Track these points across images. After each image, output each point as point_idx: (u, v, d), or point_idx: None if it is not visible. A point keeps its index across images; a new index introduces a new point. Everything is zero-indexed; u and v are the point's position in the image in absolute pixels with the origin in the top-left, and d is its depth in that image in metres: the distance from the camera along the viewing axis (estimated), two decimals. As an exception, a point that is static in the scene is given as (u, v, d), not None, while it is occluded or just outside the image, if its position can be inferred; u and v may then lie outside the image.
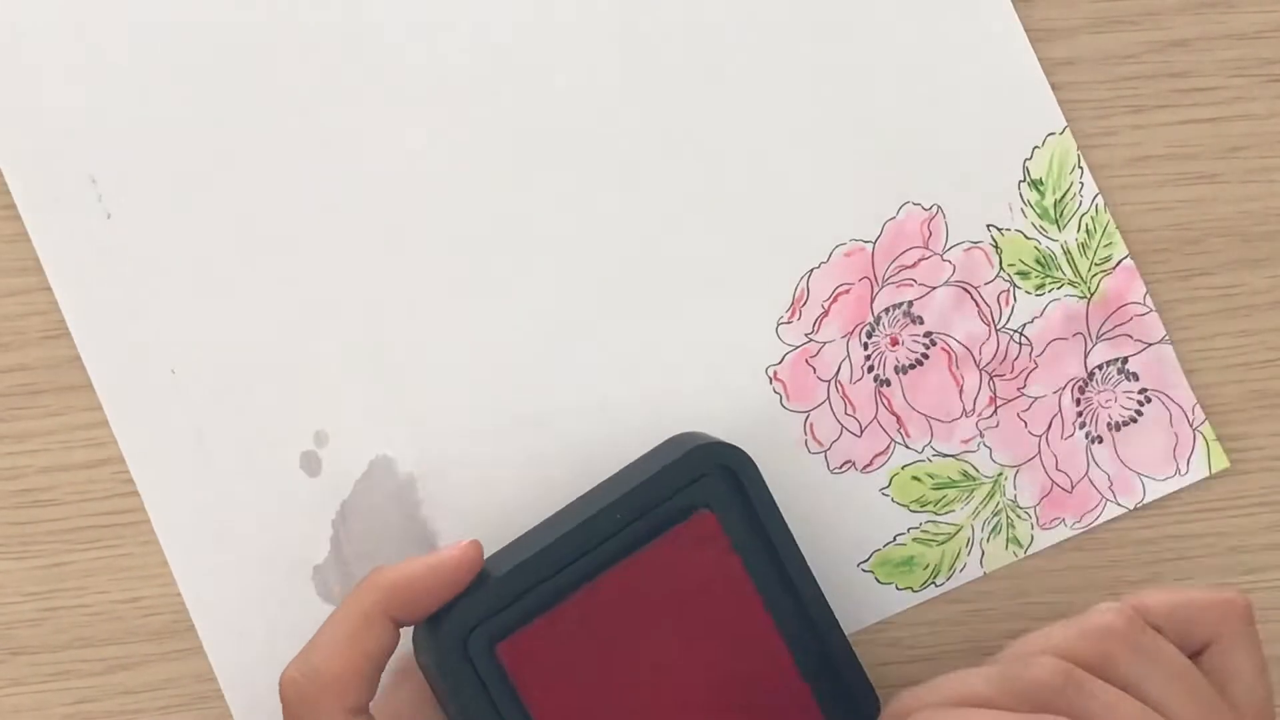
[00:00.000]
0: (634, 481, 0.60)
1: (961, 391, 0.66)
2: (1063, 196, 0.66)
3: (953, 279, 0.66)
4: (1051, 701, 0.53)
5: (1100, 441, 0.67)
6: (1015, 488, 0.66)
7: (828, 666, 0.61)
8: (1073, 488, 0.66)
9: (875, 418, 0.67)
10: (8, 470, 0.66)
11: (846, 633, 0.66)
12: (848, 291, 0.66)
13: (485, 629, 0.59)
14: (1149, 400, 0.67)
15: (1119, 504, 0.67)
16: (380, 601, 0.58)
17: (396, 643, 0.59)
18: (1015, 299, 0.66)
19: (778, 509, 0.61)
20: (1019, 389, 0.66)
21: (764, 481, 0.61)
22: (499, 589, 0.59)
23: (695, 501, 0.60)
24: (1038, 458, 0.66)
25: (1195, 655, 0.56)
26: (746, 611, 0.61)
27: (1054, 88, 0.67)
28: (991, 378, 0.66)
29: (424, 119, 0.66)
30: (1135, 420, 0.67)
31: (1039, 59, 0.67)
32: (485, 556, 0.60)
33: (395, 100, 0.66)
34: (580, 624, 0.59)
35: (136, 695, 0.67)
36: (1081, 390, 0.66)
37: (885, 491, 0.67)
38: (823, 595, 0.61)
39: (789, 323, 0.66)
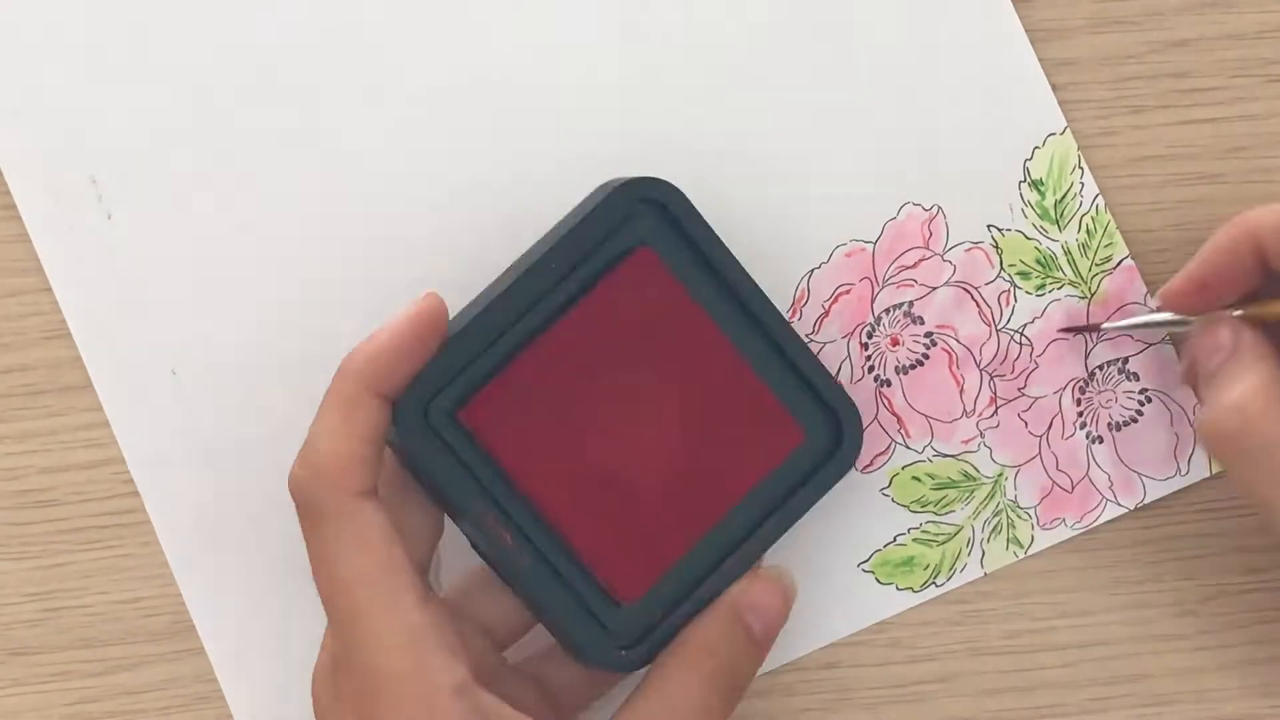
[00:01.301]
0: (566, 229, 0.60)
1: (962, 392, 0.66)
2: (1063, 197, 0.66)
3: (953, 279, 0.66)
4: None
5: (1101, 442, 0.67)
6: (1016, 488, 0.66)
7: (796, 379, 0.61)
8: (1073, 488, 0.66)
9: (876, 418, 0.67)
10: (8, 470, 0.66)
11: (847, 633, 0.66)
12: (848, 292, 0.66)
13: (442, 399, 0.59)
14: (1149, 400, 0.66)
15: (1119, 504, 0.67)
16: (358, 381, 0.57)
17: (388, 419, 0.58)
18: (1016, 299, 0.66)
19: (714, 233, 0.61)
20: (1019, 389, 0.66)
21: (695, 208, 0.61)
22: (446, 357, 0.59)
23: (631, 240, 0.60)
24: (1038, 458, 0.66)
25: None
26: (702, 339, 0.60)
27: (1054, 88, 0.67)
28: (992, 378, 0.66)
29: (425, 120, 0.66)
30: (1136, 420, 0.67)
31: (1039, 59, 0.67)
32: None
33: (396, 101, 0.66)
34: (538, 377, 0.59)
35: (137, 695, 0.67)
36: (1082, 390, 0.66)
37: (885, 492, 0.67)
38: (776, 309, 0.61)
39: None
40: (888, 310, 0.66)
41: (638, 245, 0.60)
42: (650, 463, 0.60)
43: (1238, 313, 0.62)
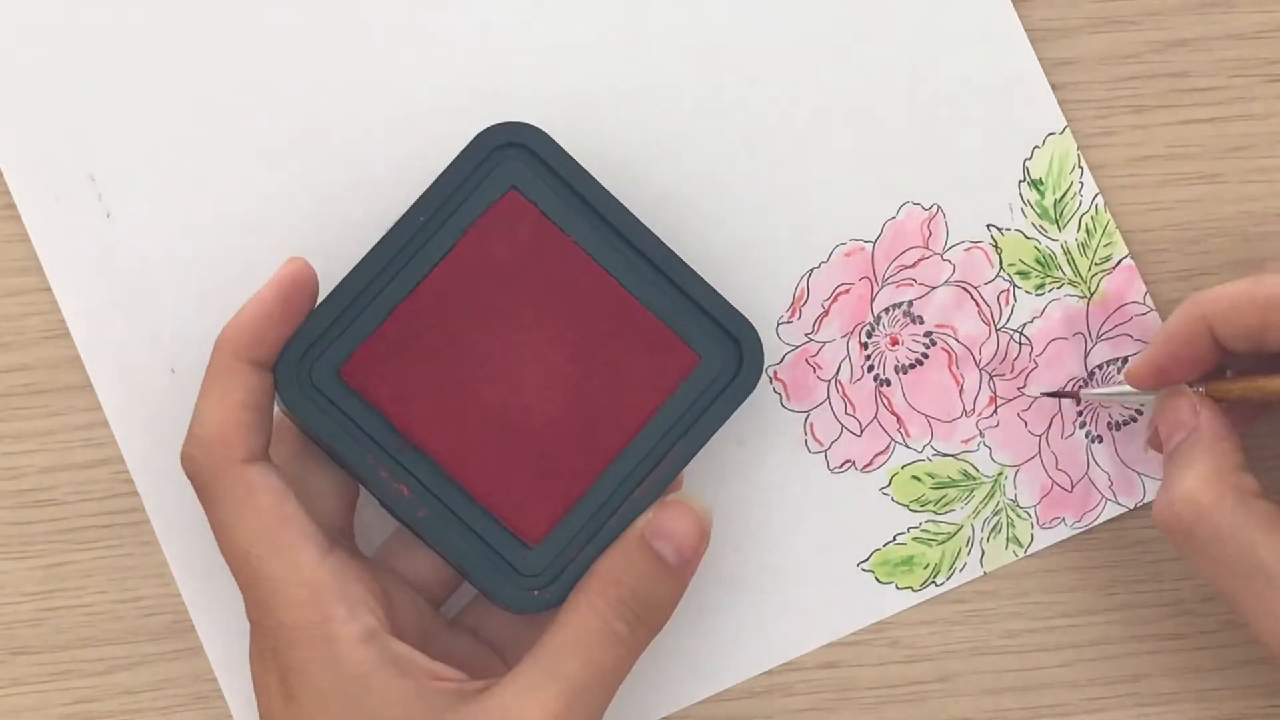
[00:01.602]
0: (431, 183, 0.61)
1: (961, 391, 0.66)
2: (1063, 196, 0.66)
3: (953, 279, 0.66)
4: None
5: (1100, 441, 0.67)
6: (1015, 487, 0.66)
7: (689, 305, 0.61)
8: (1073, 487, 0.66)
9: (875, 417, 0.67)
10: (8, 470, 0.66)
11: (846, 633, 0.66)
12: (848, 291, 0.66)
13: (325, 359, 0.59)
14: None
15: (1119, 504, 0.67)
16: (230, 351, 0.58)
17: (268, 385, 0.59)
18: (1015, 299, 0.66)
19: (583, 169, 0.61)
20: (1019, 389, 0.66)
21: (561, 148, 0.61)
22: (322, 318, 0.59)
23: (500, 186, 0.60)
24: (1038, 457, 0.66)
25: None
26: (581, 275, 0.61)
27: (1054, 87, 0.67)
28: (991, 377, 0.66)
29: (426, 120, 0.66)
30: (1135, 420, 0.67)
31: (1039, 59, 0.67)
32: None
33: (396, 101, 0.66)
34: (419, 328, 0.60)
35: (136, 695, 0.67)
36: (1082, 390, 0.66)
37: (885, 491, 0.67)
38: (658, 239, 0.61)
39: (789, 322, 0.66)
40: (887, 309, 0.66)
41: (507, 190, 0.60)
42: (543, 403, 0.60)
43: (1200, 389, 0.62)
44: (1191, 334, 0.61)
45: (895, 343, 0.66)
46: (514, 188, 0.61)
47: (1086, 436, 0.67)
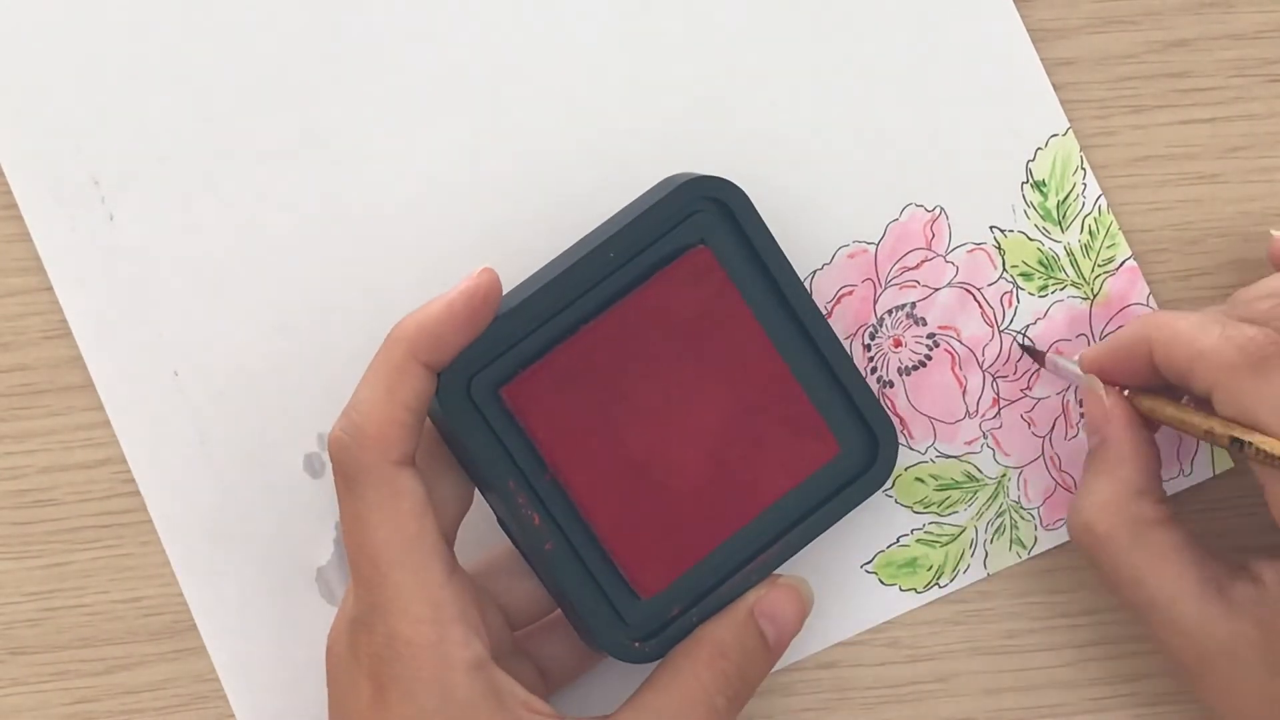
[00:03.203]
0: (628, 219, 0.60)
1: (965, 393, 0.66)
2: (1065, 198, 0.66)
3: (956, 280, 0.66)
4: (1266, 321, 0.59)
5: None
6: (1019, 488, 0.66)
7: (838, 393, 0.61)
8: (1076, 488, 0.66)
9: (878, 418, 0.67)
10: (8, 470, 0.66)
11: (850, 635, 0.66)
12: (851, 293, 0.66)
13: (488, 374, 0.59)
14: (1151, 401, 0.67)
15: (1120, 504, 0.67)
16: (407, 349, 0.58)
17: (433, 389, 0.58)
18: (1018, 300, 0.66)
19: (773, 239, 0.61)
20: (1022, 390, 0.67)
21: (757, 212, 0.61)
22: (496, 333, 0.59)
23: (691, 237, 0.60)
24: (1041, 459, 0.67)
25: None
26: (749, 343, 0.61)
27: (1054, 88, 0.67)
28: (995, 379, 0.67)
29: (427, 121, 0.66)
30: (1137, 421, 0.67)
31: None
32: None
33: (397, 101, 0.66)
34: (583, 364, 0.59)
35: (136, 695, 0.67)
36: (1085, 391, 0.67)
37: (889, 493, 0.67)
38: (827, 323, 0.61)
39: (792, 323, 0.66)
40: (890, 311, 0.66)
41: (696, 243, 0.60)
42: (684, 460, 0.60)
43: (1126, 391, 0.63)
44: (1133, 350, 0.61)
45: (898, 344, 0.66)
46: (704, 242, 0.60)
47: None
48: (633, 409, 0.60)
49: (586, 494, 0.60)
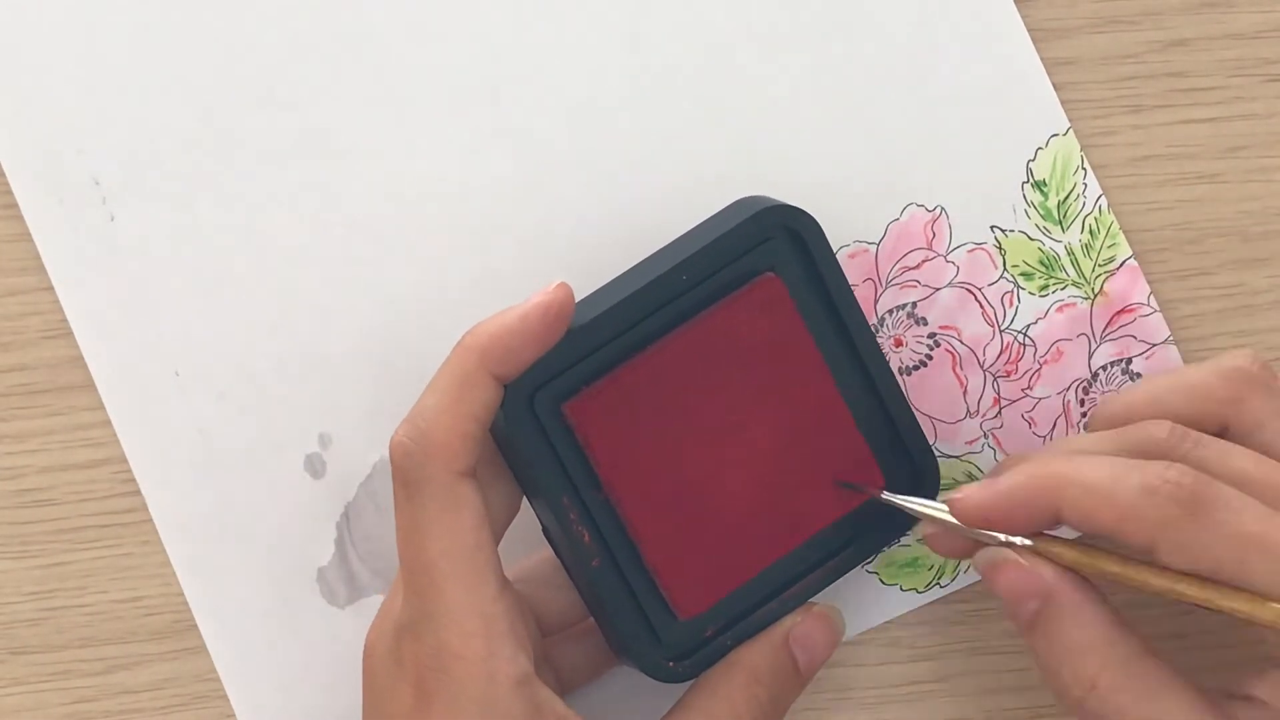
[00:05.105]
0: (701, 242, 0.60)
1: (966, 393, 0.66)
2: (1066, 197, 0.66)
3: (956, 280, 0.67)
4: (1166, 454, 0.56)
5: (1104, 442, 0.67)
6: (1019, 489, 0.67)
7: (888, 427, 0.62)
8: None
9: (878, 418, 0.67)
10: (8, 470, 0.66)
11: (851, 635, 0.66)
12: (852, 293, 0.66)
13: (551, 388, 0.59)
14: (1152, 401, 0.67)
15: (1121, 504, 0.67)
16: (479, 360, 0.57)
17: (499, 401, 0.58)
18: (1019, 300, 0.67)
19: (842, 273, 0.61)
20: (1023, 390, 0.67)
21: (829, 245, 0.61)
22: (564, 348, 0.59)
23: (761, 264, 0.60)
24: (1042, 459, 0.67)
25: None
26: (808, 373, 0.61)
27: (1054, 88, 0.67)
28: (996, 379, 0.67)
29: (427, 121, 0.66)
30: (1137, 421, 0.67)
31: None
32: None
33: (398, 101, 0.66)
34: (646, 384, 0.59)
35: (136, 695, 0.67)
36: (1086, 391, 0.66)
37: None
38: (885, 360, 0.61)
39: (792, 323, 0.66)
40: (891, 311, 0.66)
41: (766, 271, 0.60)
42: (735, 485, 0.60)
43: (1029, 543, 0.57)
44: (1032, 503, 0.57)
45: (899, 344, 0.66)
46: (774, 270, 0.60)
47: (1090, 438, 0.67)
48: (689, 431, 0.60)
49: (637, 513, 0.60)
